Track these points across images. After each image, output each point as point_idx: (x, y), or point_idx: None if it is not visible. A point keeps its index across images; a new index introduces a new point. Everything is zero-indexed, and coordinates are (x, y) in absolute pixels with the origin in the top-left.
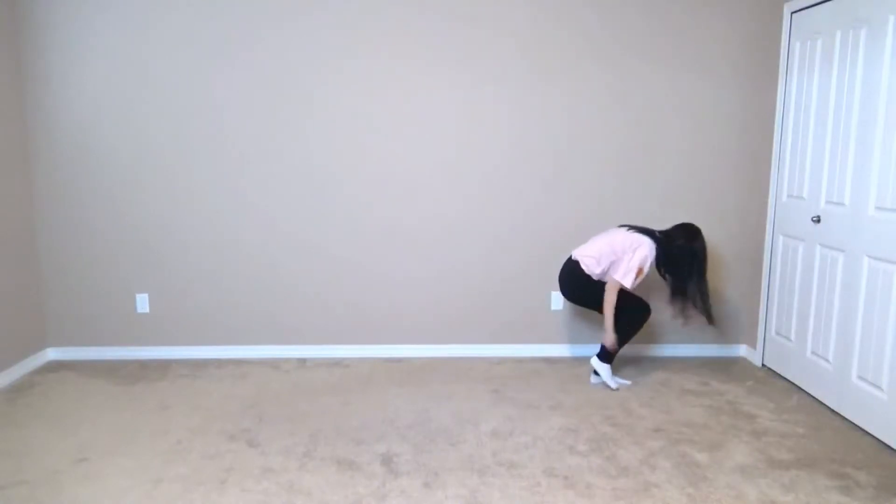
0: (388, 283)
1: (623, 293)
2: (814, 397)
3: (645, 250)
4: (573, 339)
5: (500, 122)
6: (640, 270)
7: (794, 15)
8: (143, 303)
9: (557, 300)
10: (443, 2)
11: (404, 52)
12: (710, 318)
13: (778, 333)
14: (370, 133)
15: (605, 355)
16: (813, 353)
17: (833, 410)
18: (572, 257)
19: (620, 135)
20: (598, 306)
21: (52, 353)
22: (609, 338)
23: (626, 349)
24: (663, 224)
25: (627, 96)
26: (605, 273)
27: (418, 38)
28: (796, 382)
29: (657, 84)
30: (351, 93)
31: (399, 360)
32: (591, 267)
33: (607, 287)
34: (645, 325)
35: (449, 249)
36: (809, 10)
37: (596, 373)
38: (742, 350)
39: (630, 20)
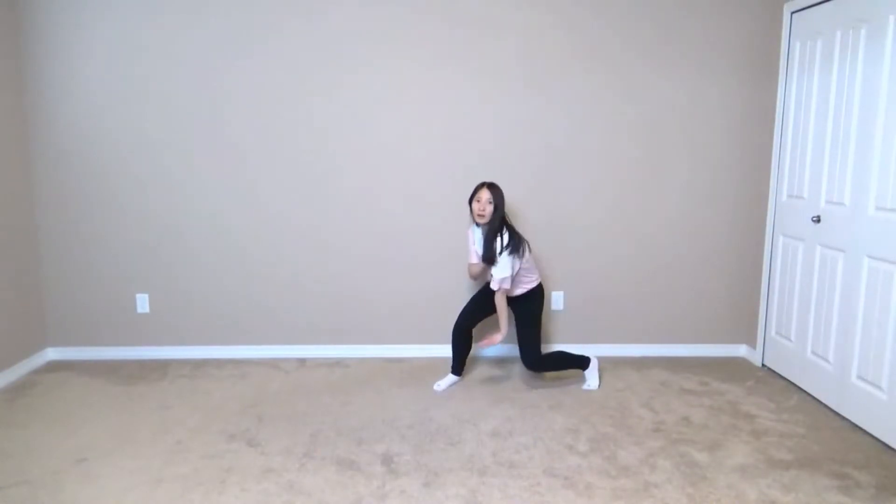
0: (388, 284)
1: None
2: (814, 397)
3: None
4: (573, 339)
5: (503, 125)
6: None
7: (794, 15)
8: (143, 303)
9: (558, 300)
10: (450, 7)
11: (412, 55)
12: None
13: (778, 333)
14: (372, 135)
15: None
16: (813, 353)
17: (833, 410)
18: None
19: (620, 136)
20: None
21: (52, 353)
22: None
23: (628, 348)
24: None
25: (627, 97)
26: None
27: (431, 43)
28: (796, 382)
29: (656, 84)
30: (351, 94)
31: (399, 360)
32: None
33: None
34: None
35: (450, 250)
36: (809, 10)
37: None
38: (742, 350)
39: (629, 22)
